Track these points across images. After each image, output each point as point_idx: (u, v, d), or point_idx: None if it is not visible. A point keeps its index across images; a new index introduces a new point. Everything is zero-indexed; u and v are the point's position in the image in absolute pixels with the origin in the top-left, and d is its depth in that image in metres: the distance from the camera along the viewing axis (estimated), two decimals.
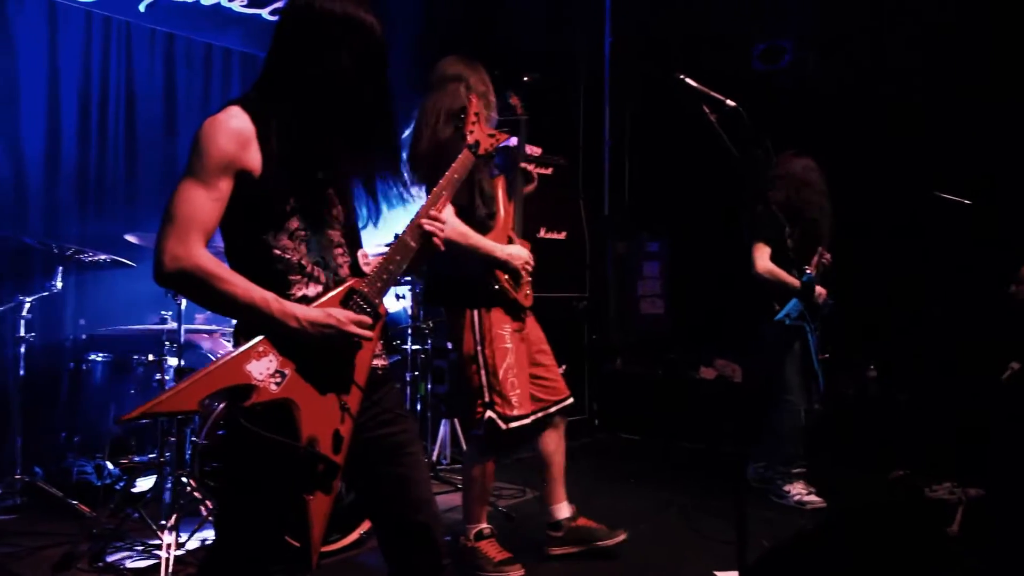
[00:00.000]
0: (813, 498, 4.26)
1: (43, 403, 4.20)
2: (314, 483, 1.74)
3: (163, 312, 4.03)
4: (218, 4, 5.46)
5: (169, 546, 3.15)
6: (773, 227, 4.36)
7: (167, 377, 3.73)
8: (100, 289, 4.49)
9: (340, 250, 1.91)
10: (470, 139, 2.17)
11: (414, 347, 4.82)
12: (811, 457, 4.41)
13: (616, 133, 7.47)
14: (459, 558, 3.23)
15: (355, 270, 1.92)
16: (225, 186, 1.73)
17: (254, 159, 1.76)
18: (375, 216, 2.03)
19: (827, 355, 4.46)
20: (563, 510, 3.46)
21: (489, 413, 3.15)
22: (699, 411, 5.79)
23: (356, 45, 1.80)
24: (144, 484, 3.91)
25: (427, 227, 1.96)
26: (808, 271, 4.22)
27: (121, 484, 3.87)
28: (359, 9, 1.82)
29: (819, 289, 4.36)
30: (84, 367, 4.12)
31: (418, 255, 1.97)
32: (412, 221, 1.96)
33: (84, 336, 4.21)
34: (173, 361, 3.75)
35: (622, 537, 3.44)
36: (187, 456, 3.71)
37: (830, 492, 4.31)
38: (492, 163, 3.32)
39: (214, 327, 4.32)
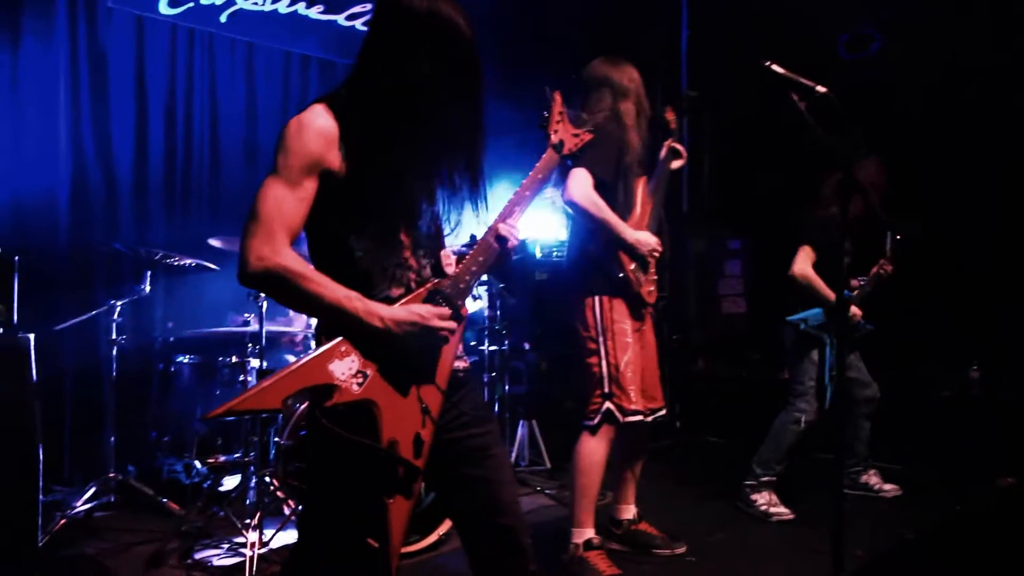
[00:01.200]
0: (780, 509, 4.02)
1: (134, 404, 4.34)
2: (394, 486, 1.72)
3: (246, 315, 4.10)
4: (295, 12, 5.57)
5: (253, 544, 3.19)
6: (825, 233, 4.14)
7: (250, 378, 3.80)
8: (187, 292, 4.61)
9: (423, 251, 1.89)
10: (554, 139, 2.11)
11: (491, 348, 4.78)
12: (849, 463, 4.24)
13: (694, 128, 7.28)
14: (564, 566, 3.14)
15: (437, 271, 1.90)
16: (310, 185, 1.72)
17: (338, 159, 1.74)
18: (455, 221, 1.98)
19: (835, 374, 4.18)
20: (628, 511, 3.46)
21: (608, 404, 3.11)
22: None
23: (442, 45, 1.77)
24: (230, 483, 3.99)
25: (503, 232, 1.93)
26: (854, 287, 4.07)
27: (208, 483, 3.96)
28: (446, 7, 1.78)
29: (854, 310, 4.16)
30: (172, 369, 4.24)
31: (500, 256, 1.95)
32: (495, 222, 1.94)
33: (172, 338, 4.32)
34: (256, 363, 3.80)
35: (681, 550, 3.38)
36: (271, 456, 3.77)
37: (934, 499, 4.07)
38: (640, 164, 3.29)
39: (295, 329, 4.38)
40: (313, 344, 1.87)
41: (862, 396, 4.33)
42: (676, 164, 3.46)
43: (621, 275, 3.14)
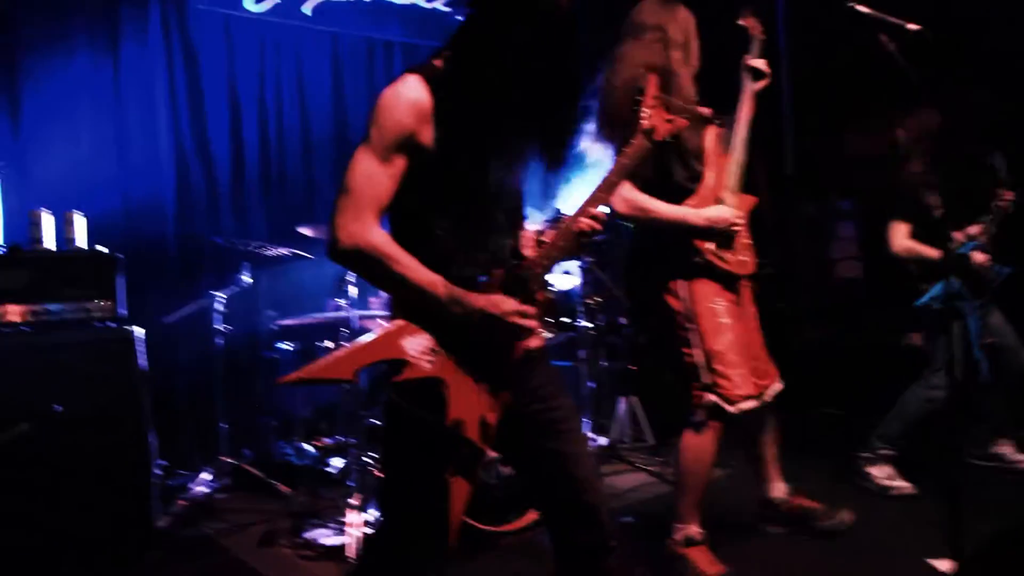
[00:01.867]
0: (900, 482, 3.73)
1: (242, 391, 4.51)
2: (456, 465, 1.72)
3: (339, 300, 4.17)
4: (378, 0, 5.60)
5: (356, 524, 3.25)
6: (909, 200, 3.84)
7: None
8: (286, 281, 4.73)
9: (503, 232, 1.85)
10: (645, 124, 1.99)
11: (586, 324, 4.70)
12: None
13: (795, 85, 6.90)
14: (665, 561, 2.95)
15: (517, 253, 1.87)
16: (400, 162, 1.70)
17: (429, 135, 1.71)
18: (540, 200, 1.94)
19: (992, 340, 3.85)
20: (777, 489, 3.20)
21: (710, 396, 2.81)
22: (909, 382, 5.20)
23: (538, 17, 1.69)
24: (337, 464, 4.10)
25: (583, 226, 1.87)
26: (960, 239, 3.72)
27: (316, 464, 4.08)
28: None
29: (978, 256, 3.79)
30: (275, 356, 4.37)
31: (580, 244, 1.90)
32: (581, 207, 1.88)
33: (274, 326, 4.45)
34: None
35: (847, 518, 3.14)
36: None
37: None
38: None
39: (387, 313, 4.42)
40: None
41: (1014, 365, 3.94)
42: (759, 86, 3.03)
43: (699, 259, 2.85)
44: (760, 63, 3.02)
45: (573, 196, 1.92)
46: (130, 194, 4.52)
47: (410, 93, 1.69)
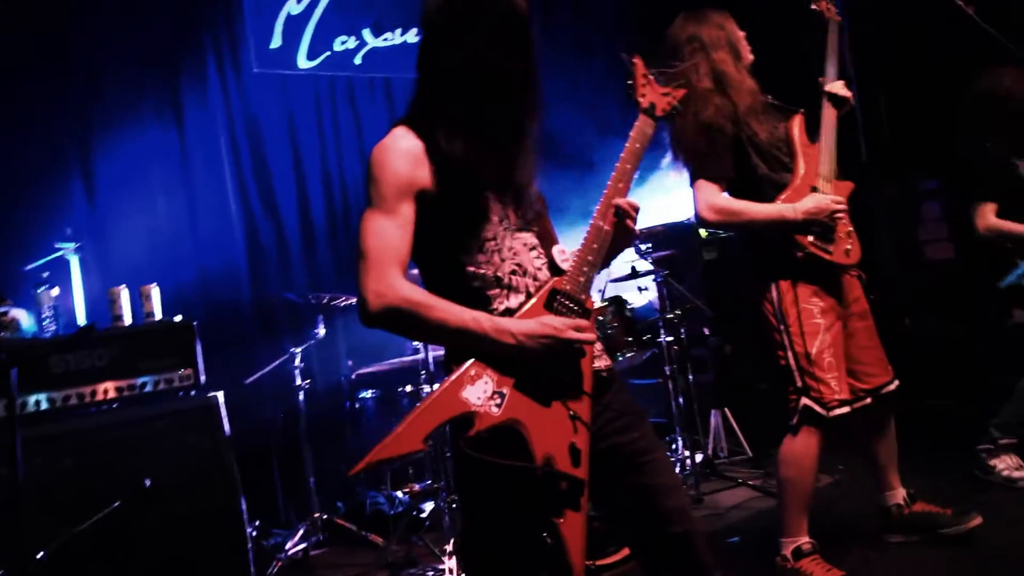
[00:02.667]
0: None
1: (328, 443, 4.52)
2: (561, 503, 1.61)
3: (415, 343, 4.16)
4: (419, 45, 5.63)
5: (451, 571, 3.18)
6: (994, 176, 3.60)
7: None
8: (360, 329, 4.73)
9: (536, 252, 1.78)
10: (644, 103, 1.95)
11: (668, 339, 4.55)
12: None
13: (863, 65, 6.60)
14: None
15: (553, 269, 1.79)
16: (408, 210, 1.67)
17: (428, 176, 1.68)
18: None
19: None
20: (896, 495, 2.99)
21: (805, 400, 2.68)
22: (1019, 364, 4.84)
23: (495, 24, 1.69)
24: (429, 508, 4.05)
25: (618, 203, 1.82)
26: None
27: (407, 512, 4.04)
28: None
29: None
30: (357, 405, 4.38)
31: (616, 239, 1.83)
32: (602, 202, 1.82)
33: (354, 376, 4.46)
34: (428, 388, 3.83)
35: (976, 522, 2.87)
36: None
37: None
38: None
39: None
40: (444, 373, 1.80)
41: None
42: (844, 110, 2.87)
43: (801, 254, 2.67)
44: (839, 87, 2.84)
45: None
46: (204, 260, 4.66)
47: (399, 142, 1.67)
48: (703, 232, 4.97)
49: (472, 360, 1.61)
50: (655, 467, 1.79)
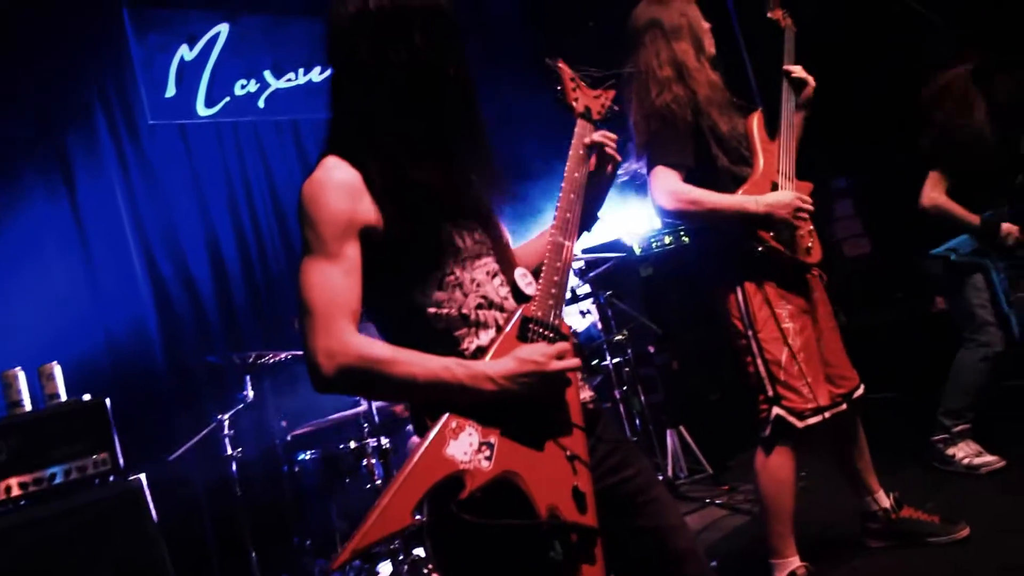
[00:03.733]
0: (987, 458, 3.42)
1: (269, 513, 4.19)
2: (574, 558, 1.43)
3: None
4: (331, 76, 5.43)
5: None
6: (950, 152, 3.60)
7: (374, 460, 3.57)
8: (293, 386, 4.45)
9: (498, 279, 1.60)
10: (579, 107, 1.82)
11: (615, 361, 4.41)
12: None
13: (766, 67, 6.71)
14: None
15: (519, 295, 1.60)
16: (353, 252, 1.46)
17: (372, 209, 1.47)
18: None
19: (1013, 298, 3.57)
20: (882, 499, 2.85)
21: (776, 410, 2.54)
22: (952, 348, 4.89)
23: (425, 30, 1.52)
24: (386, 570, 3.76)
25: (593, 139, 1.73)
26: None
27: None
28: None
29: (1007, 227, 3.51)
30: (296, 468, 4.06)
31: (602, 178, 1.76)
32: (558, 217, 1.66)
33: (289, 437, 4.15)
34: (375, 442, 3.58)
35: (965, 532, 2.77)
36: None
37: None
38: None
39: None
40: (413, 428, 1.58)
41: None
42: (806, 95, 2.79)
43: (760, 249, 2.53)
44: (798, 70, 2.80)
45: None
46: (111, 331, 4.27)
47: (333, 174, 1.47)
48: (637, 248, 4.87)
49: (449, 414, 1.40)
50: (658, 507, 1.63)
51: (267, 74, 5.23)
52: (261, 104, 5.19)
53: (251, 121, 5.14)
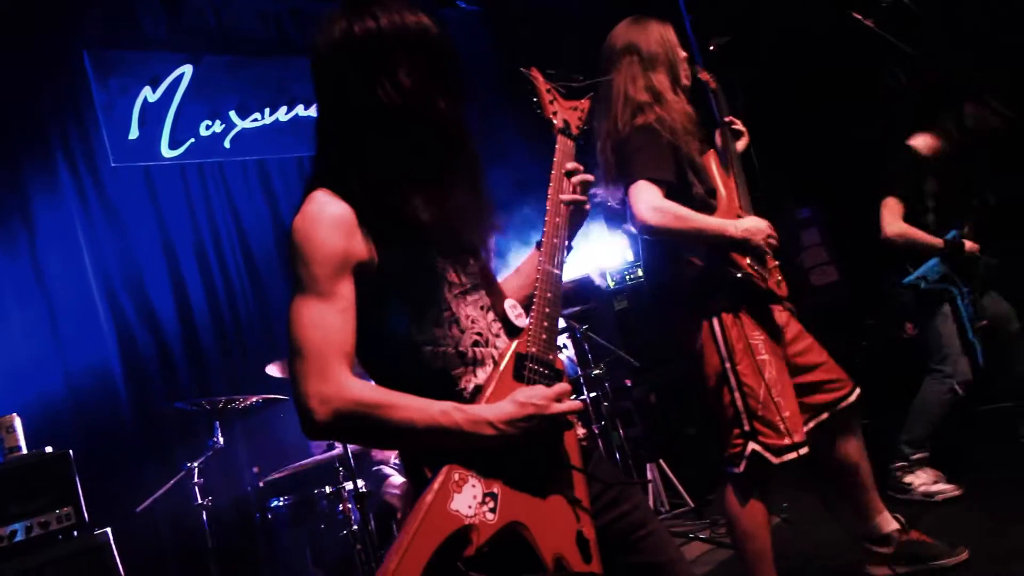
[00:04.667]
0: (943, 486, 3.45)
1: (241, 562, 4.05)
2: None
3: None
4: (296, 116, 5.41)
5: None
6: (907, 177, 3.70)
7: (350, 505, 3.47)
8: (264, 431, 4.34)
9: (490, 314, 1.56)
10: (557, 122, 1.77)
11: (591, 395, 4.37)
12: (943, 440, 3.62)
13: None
14: None
15: (510, 328, 1.56)
16: (347, 291, 1.41)
17: (364, 246, 1.43)
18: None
19: (984, 322, 3.66)
20: (888, 522, 2.74)
21: (753, 446, 2.45)
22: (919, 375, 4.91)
23: (413, 61, 1.47)
24: None
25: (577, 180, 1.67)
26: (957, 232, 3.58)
27: None
28: (407, 15, 1.49)
29: (970, 245, 3.62)
30: (269, 516, 3.92)
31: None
32: (545, 243, 1.61)
33: (261, 484, 4.01)
34: (350, 485, 3.48)
35: (964, 556, 2.72)
36: None
37: None
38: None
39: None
40: (404, 477, 1.53)
41: (1013, 331, 3.77)
42: (741, 145, 2.86)
43: (740, 275, 2.47)
44: (734, 121, 2.87)
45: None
46: (74, 378, 4.11)
47: (325, 210, 1.42)
48: (611, 282, 4.87)
49: (447, 464, 1.35)
50: (655, 542, 1.59)
51: (232, 114, 5.17)
52: (227, 145, 5.12)
53: (217, 162, 5.06)
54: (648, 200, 2.44)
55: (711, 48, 2.97)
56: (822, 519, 2.94)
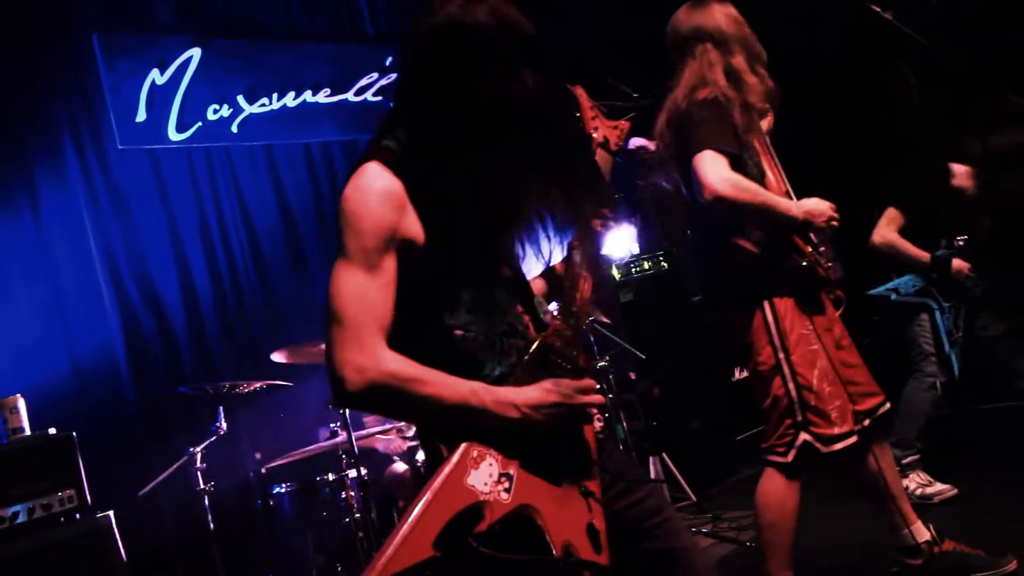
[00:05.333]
0: (939, 487, 3.45)
1: (242, 548, 4.05)
2: None
3: (332, 425, 3.78)
4: (303, 102, 5.38)
5: None
6: (926, 196, 3.71)
7: (352, 492, 3.46)
8: (267, 417, 4.33)
9: (520, 307, 1.59)
10: (598, 136, 1.82)
11: (598, 387, 4.34)
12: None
13: None
14: None
15: (539, 324, 1.60)
16: (390, 265, 1.42)
17: (415, 225, 1.44)
18: (547, 257, 1.65)
19: (961, 334, 3.68)
20: (922, 531, 2.61)
21: (804, 436, 2.41)
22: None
23: (523, 58, 1.46)
24: None
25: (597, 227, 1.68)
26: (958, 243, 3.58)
27: None
28: (508, 9, 1.47)
29: (958, 263, 3.60)
30: (271, 502, 3.92)
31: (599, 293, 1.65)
32: (571, 248, 1.67)
33: (264, 470, 4.01)
34: (354, 473, 3.47)
35: (1013, 565, 2.57)
36: None
37: None
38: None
39: (387, 426, 4.04)
40: (422, 454, 1.55)
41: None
42: (766, 124, 2.68)
43: (805, 263, 2.38)
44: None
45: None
46: (78, 361, 4.11)
47: (378, 183, 1.42)
48: (617, 274, 4.85)
49: (468, 442, 1.37)
50: (669, 528, 1.61)
51: (240, 99, 5.14)
52: (234, 129, 5.10)
53: (224, 146, 5.04)
54: (718, 170, 2.34)
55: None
56: (819, 517, 2.92)
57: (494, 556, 1.30)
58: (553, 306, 1.67)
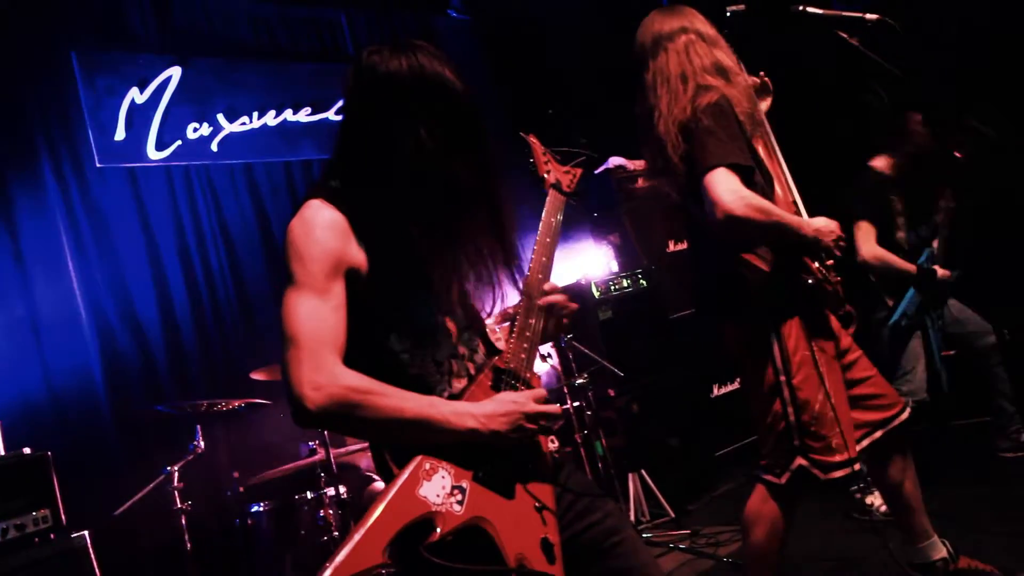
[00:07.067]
0: None
1: (220, 567, 4.02)
2: None
3: (311, 443, 3.77)
4: (284, 121, 5.41)
5: None
6: (872, 198, 3.79)
7: (331, 511, 3.45)
8: (246, 435, 4.31)
9: (469, 332, 1.65)
10: (550, 179, 1.91)
11: (575, 405, 4.38)
12: None
13: None
14: None
15: (491, 348, 1.67)
16: (339, 290, 1.47)
17: (358, 252, 1.50)
18: (496, 295, 1.71)
19: (952, 352, 3.79)
20: (937, 548, 2.53)
21: (800, 460, 2.31)
22: None
23: (436, 108, 1.51)
24: None
25: (547, 302, 1.71)
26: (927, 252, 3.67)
27: None
28: (431, 63, 1.53)
29: (941, 272, 3.70)
30: (249, 521, 3.90)
31: (548, 331, 1.75)
32: (530, 274, 1.73)
33: (242, 488, 3.99)
34: (332, 491, 3.46)
35: None
36: None
37: None
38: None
39: (366, 444, 4.03)
40: (377, 474, 1.57)
41: (983, 345, 3.86)
42: (765, 106, 2.65)
43: (812, 281, 2.30)
44: (766, 79, 2.71)
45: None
46: (53, 380, 4.08)
47: (322, 213, 1.49)
48: (596, 292, 4.88)
49: (422, 455, 1.41)
50: (627, 547, 1.63)
51: (220, 117, 5.16)
52: (214, 148, 5.11)
53: (203, 165, 5.05)
54: (732, 187, 2.21)
55: (727, 15, 2.70)
56: (808, 526, 2.92)
57: (444, 566, 1.33)
58: (505, 329, 1.71)
